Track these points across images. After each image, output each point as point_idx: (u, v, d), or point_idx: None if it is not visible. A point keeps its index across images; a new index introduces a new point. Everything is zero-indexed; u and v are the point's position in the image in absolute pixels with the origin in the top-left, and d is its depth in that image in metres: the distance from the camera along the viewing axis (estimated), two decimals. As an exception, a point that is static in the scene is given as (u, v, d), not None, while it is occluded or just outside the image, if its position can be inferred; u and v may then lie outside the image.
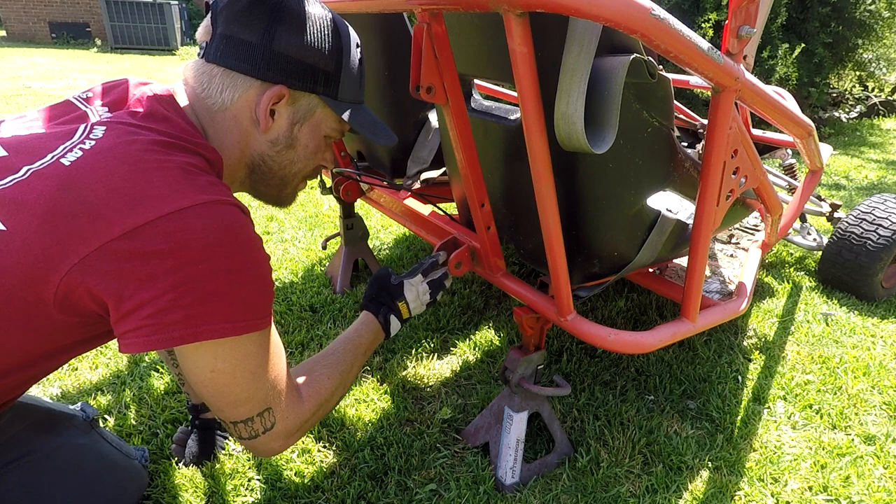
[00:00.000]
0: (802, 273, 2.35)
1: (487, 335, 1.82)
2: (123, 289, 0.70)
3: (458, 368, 1.67)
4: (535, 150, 0.90)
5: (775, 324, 1.96)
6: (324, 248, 2.27)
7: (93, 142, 0.76)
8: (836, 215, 2.39)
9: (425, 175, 1.78)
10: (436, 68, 0.96)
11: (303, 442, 1.35)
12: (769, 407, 1.55)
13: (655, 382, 1.62)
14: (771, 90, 1.54)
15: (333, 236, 2.16)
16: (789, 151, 2.45)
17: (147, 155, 0.74)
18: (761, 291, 2.18)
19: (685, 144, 2.37)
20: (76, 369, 1.59)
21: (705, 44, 0.85)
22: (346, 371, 1.00)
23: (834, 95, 6.07)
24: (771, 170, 2.19)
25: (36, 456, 0.93)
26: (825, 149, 2.16)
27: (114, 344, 1.65)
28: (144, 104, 0.83)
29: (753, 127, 2.44)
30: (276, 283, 2.09)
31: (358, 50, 0.94)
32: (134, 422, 1.41)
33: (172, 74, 7.95)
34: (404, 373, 1.63)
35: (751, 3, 0.94)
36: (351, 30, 0.93)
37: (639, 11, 0.74)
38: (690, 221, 1.16)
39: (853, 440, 1.45)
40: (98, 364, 1.62)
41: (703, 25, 4.73)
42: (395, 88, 1.66)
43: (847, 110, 6.07)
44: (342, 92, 0.91)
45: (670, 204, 1.19)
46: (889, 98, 6.59)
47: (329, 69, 0.88)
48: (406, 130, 1.76)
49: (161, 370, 1.59)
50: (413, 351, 1.72)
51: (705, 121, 2.34)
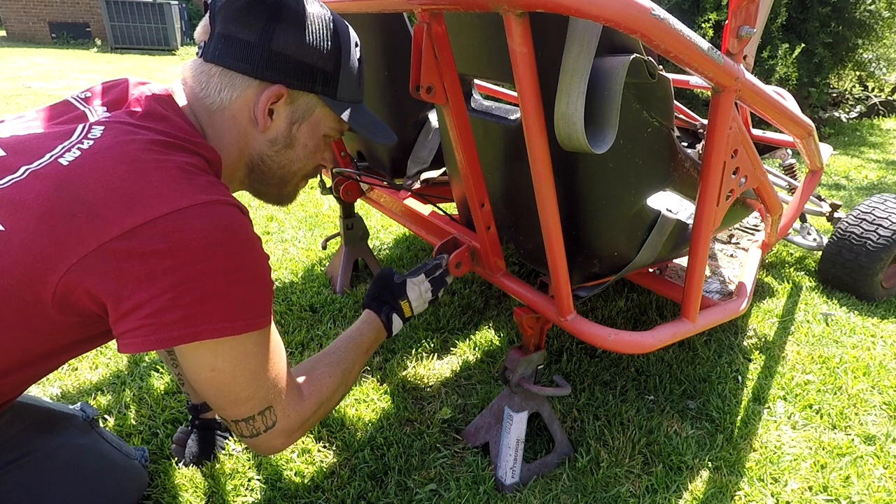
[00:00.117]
0: (802, 273, 2.35)
1: (487, 335, 1.82)
2: (122, 289, 0.70)
3: (458, 368, 1.67)
4: (535, 150, 0.89)
5: (775, 324, 1.96)
6: (324, 248, 2.27)
7: (91, 141, 0.76)
8: (836, 215, 2.39)
9: (425, 175, 1.78)
10: (436, 68, 0.96)
11: (303, 442, 1.35)
12: (769, 407, 1.55)
13: (655, 382, 1.61)
14: (771, 90, 1.54)
15: (333, 236, 2.16)
16: (789, 151, 2.45)
17: (145, 154, 0.74)
18: (761, 291, 2.18)
19: (685, 144, 2.37)
20: (76, 369, 1.59)
21: (705, 44, 0.85)
22: (348, 369, 1.00)
23: (834, 95, 6.07)
24: (771, 170, 2.18)
25: (36, 456, 0.92)
26: (825, 149, 2.16)
27: (114, 344, 1.64)
28: (143, 104, 0.83)
29: (753, 127, 2.44)
30: (276, 283, 2.09)
31: (357, 49, 0.94)
32: (134, 422, 1.40)
33: (172, 74, 7.95)
34: (404, 373, 1.63)
35: (751, 3, 0.94)
36: (350, 29, 0.93)
37: (639, 11, 0.74)
38: (690, 221, 1.16)
39: (853, 440, 1.44)
40: (98, 364, 1.62)
41: (703, 25, 4.73)
42: (395, 88, 1.66)
43: (847, 110, 6.07)
44: (341, 91, 0.91)
45: (670, 204, 1.19)
46: (889, 98, 6.59)
47: (328, 68, 0.88)
48: (406, 130, 1.76)
49: (161, 370, 1.59)
50: (413, 351, 1.72)
51: (705, 121, 2.34)
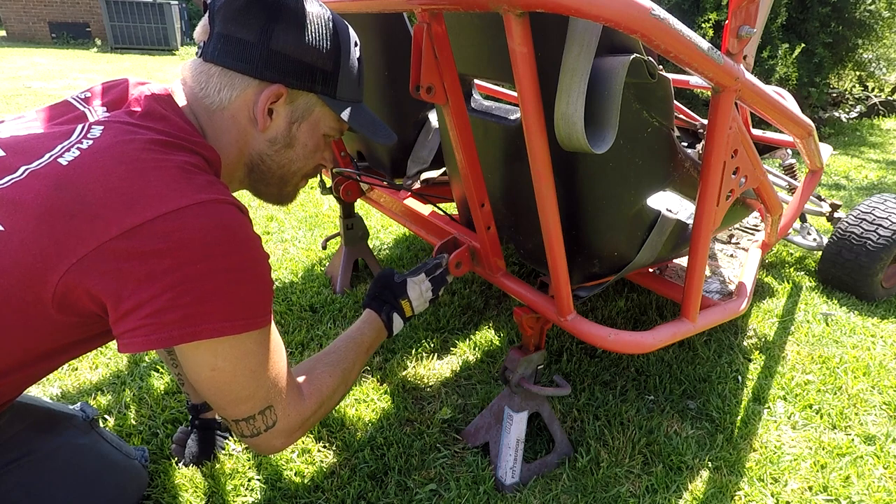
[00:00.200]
0: (802, 273, 2.35)
1: (487, 335, 1.82)
2: (122, 289, 0.70)
3: (458, 368, 1.67)
4: (535, 150, 0.89)
5: (775, 324, 1.96)
6: (324, 248, 2.27)
7: (90, 141, 0.76)
8: (836, 215, 2.39)
9: (425, 175, 1.78)
10: (436, 68, 0.96)
11: (303, 442, 1.35)
12: (769, 407, 1.55)
13: (655, 382, 1.61)
14: (771, 90, 1.54)
15: (333, 236, 2.16)
16: (789, 151, 2.45)
17: (145, 154, 0.74)
18: (761, 291, 2.18)
19: (685, 144, 2.37)
20: (76, 369, 1.59)
21: (705, 44, 0.85)
22: (348, 369, 1.00)
23: (834, 95, 6.07)
24: (771, 170, 2.18)
25: (36, 456, 0.92)
26: (825, 149, 2.16)
27: (114, 344, 1.64)
28: (142, 103, 0.83)
29: (753, 127, 2.44)
30: (276, 283, 2.09)
31: (356, 49, 0.94)
32: (134, 422, 1.40)
33: (172, 74, 7.95)
34: (404, 373, 1.63)
35: (751, 3, 0.94)
36: (350, 29, 0.93)
37: (639, 11, 0.74)
38: (690, 221, 1.16)
39: (853, 440, 1.44)
40: (98, 364, 1.62)
41: (703, 25, 4.73)
42: (395, 88, 1.66)
43: (847, 110, 6.07)
44: (341, 91, 0.91)
45: (670, 204, 1.19)
46: (889, 98, 6.59)
47: (327, 68, 0.88)
48: (406, 130, 1.76)
49: (161, 370, 1.59)
50: (413, 351, 1.72)
51: (705, 121, 2.34)
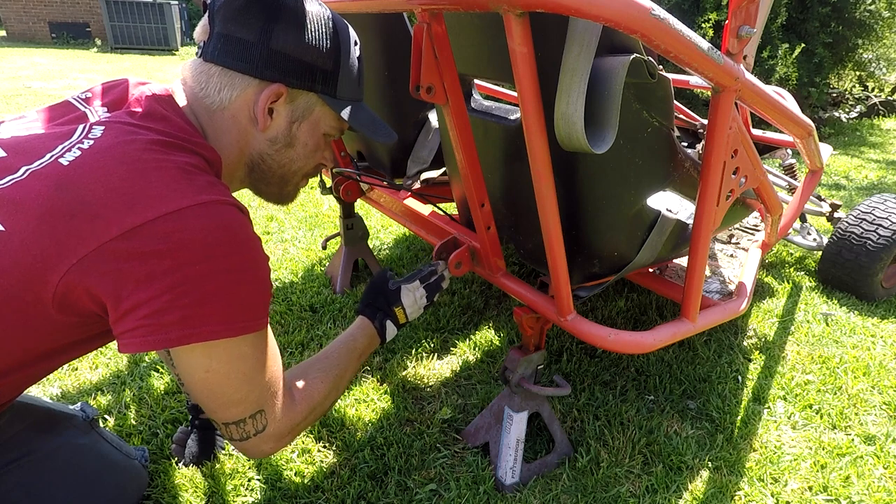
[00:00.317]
0: (802, 273, 2.35)
1: (487, 335, 1.82)
2: (121, 289, 0.70)
3: (458, 368, 1.67)
4: (535, 150, 0.89)
5: (775, 324, 1.96)
6: (324, 248, 2.27)
7: (91, 141, 0.76)
8: (836, 215, 2.39)
9: (425, 175, 1.78)
10: (436, 68, 0.96)
11: (303, 442, 1.35)
12: (769, 407, 1.55)
13: (655, 382, 1.61)
14: (771, 90, 1.54)
15: (333, 236, 2.16)
16: (789, 151, 2.45)
17: (146, 155, 0.74)
18: (761, 291, 2.18)
19: (685, 144, 2.37)
20: (76, 369, 1.59)
21: (705, 44, 0.85)
22: (340, 375, 1.00)
23: (834, 95, 6.07)
24: (771, 170, 2.18)
25: (36, 456, 0.92)
26: (825, 149, 2.16)
27: (114, 344, 1.64)
28: (143, 104, 0.83)
29: (753, 127, 2.44)
30: (276, 283, 2.09)
31: (356, 48, 0.94)
32: (134, 422, 1.40)
33: (172, 74, 7.95)
34: (404, 373, 1.63)
35: (751, 3, 0.94)
36: (349, 28, 0.93)
37: (639, 11, 0.74)
38: (690, 221, 1.16)
39: (853, 440, 1.44)
40: (98, 364, 1.62)
41: (703, 25, 4.73)
42: (395, 88, 1.66)
43: (847, 110, 6.07)
44: (341, 90, 0.91)
45: (670, 204, 1.19)
46: (889, 98, 6.59)
47: (327, 67, 0.88)
48: (406, 130, 1.76)
49: (161, 370, 1.59)
50: (413, 351, 1.72)
51: (705, 121, 2.34)
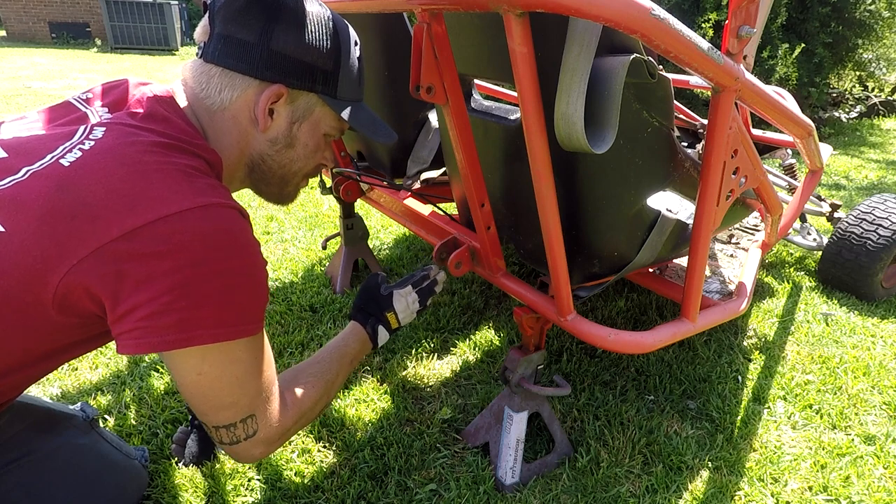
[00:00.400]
0: (802, 273, 2.35)
1: (487, 335, 1.82)
2: (121, 290, 0.70)
3: (458, 368, 1.67)
4: (535, 150, 0.89)
5: (775, 324, 1.96)
6: (324, 248, 2.27)
7: (92, 142, 0.76)
8: (836, 215, 2.39)
9: (425, 175, 1.78)
10: (436, 68, 0.96)
11: (303, 442, 1.35)
12: (769, 407, 1.55)
13: (655, 382, 1.61)
14: (771, 90, 1.54)
15: (333, 236, 2.16)
16: (789, 151, 2.45)
17: (147, 157, 0.74)
18: (761, 291, 2.18)
19: (685, 144, 2.37)
20: (76, 369, 1.59)
21: (705, 44, 0.85)
22: (331, 381, 1.00)
23: (834, 95, 6.07)
24: (771, 170, 2.18)
25: (36, 456, 0.93)
26: (825, 149, 2.16)
27: (114, 344, 1.64)
28: (144, 105, 0.83)
29: (753, 127, 2.44)
30: (276, 284, 2.09)
31: (357, 48, 0.94)
32: (134, 422, 1.40)
33: (172, 74, 7.95)
34: (404, 373, 1.63)
35: (751, 3, 0.94)
36: (350, 28, 0.93)
37: (639, 11, 0.74)
38: (690, 221, 1.16)
39: (853, 440, 1.44)
40: (98, 364, 1.62)
41: (703, 25, 4.73)
42: (395, 88, 1.66)
43: (847, 110, 6.07)
44: (341, 90, 0.91)
45: (670, 204, 1.19)
46: (889, 98, 6.59)
47: (328, 68, 0.88)
48: (406, 130, 1.76)
49: (161, 370, 1.59)
50: (413, 351, 1.72)
51: (705, 121, 2.34)
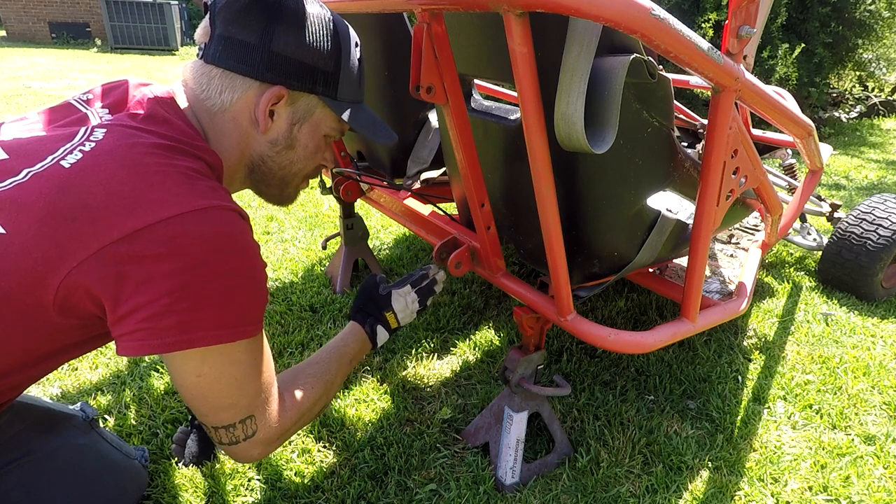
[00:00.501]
0: (802, 273, 2.35)
1: (487, 335, 1.82)
2: (121, 291, 0.70)
3: (458, 368, 1.67)
4: (535, 150, 0.89)
5: (775, 324, 1.96)
6: (324, 248, 2.27)
7: (93, 144, 0.76)
8: (836, 215, 2.39)
9: (425, 175, 1.78)
10: (436, 68, 0.96)
11: (303, 442, 1.35)
12: (769, 407, 1.55)
13: (655, 382, 1.61)
14: (771, 90, 1.54)
15: (333, 236, 2.16)
16: (789, 151, 2.45)
17: (147, 158, 0.74)
18: (761, 291, 2.18)
19: (685, 144, 2.37)
20: (76, 369, 1.59)
21: (705, 44, 0.85)
22: (330, 381, 1.00)
23: (834, 95, 6.07)
24: (771, 170, 2.19)
25: (36, 456, 0.93)
26: (825, 149, 2.16)
27: (114, 344, 1.64)
28: (144, 106, 0.83)
29: (753, 127, 2.44)
30: (276, 284, 2.09)
31: (357, 49, 0.94)
32: (134, 422, 1.40)
33: (172, 74, 7.95)
34: (404, 373, 1.63)
35: (751, 3, 0.94)
36: (350, 29, 0.93)
37: (639, 11, 0.74)
38: (690, 221, 1.16)
39: (853, 440, 1.44)
40: (98, 364, 1.62)
41: (703, 25, 4.73)
42: (395, 88, 1.66)
43: (847, 110, 6.07)
44: (341, 92, 0.91)
45: (670, 204, 1.19)
46: (889, 98, 6.59)
47: (328, 69, 0.88)
48: (406, 130, 1.76)
49: (161, 370, 1.59)
50: (413, 351, 1.72)
51: (705, 121, 2.34)
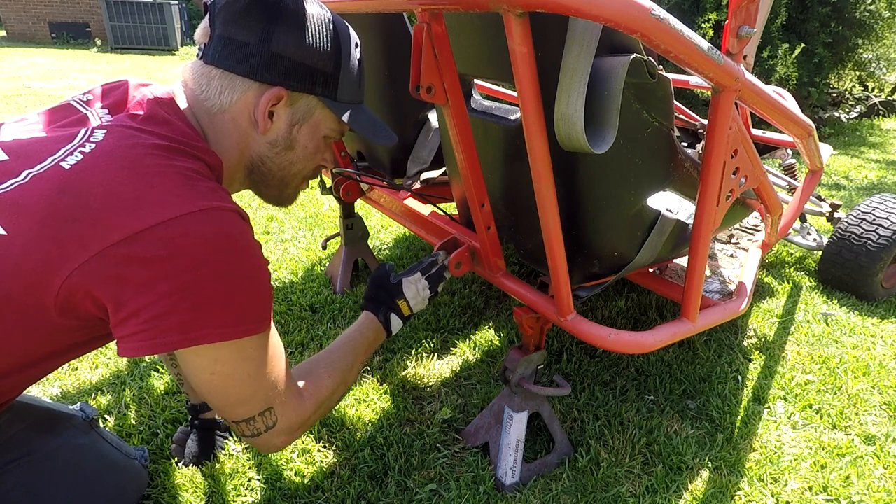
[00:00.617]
0: (802, 273, 2.35)
1: (487, 335, 1.82)
2: (122, 293, 0.70)
3: (458, 368, 1.67)
4: (535, 150, 0.90)
5: (775, 324, 1.96)
6: (324, 248, 2.27)
7: (93, 145, 0.76)
8: (836, 215, 2.39)
9: (425, 175, 1.78)
10: (436, 68, 0.96)
11: (303, 442, 1.35)
12: (769, 407, 1.55)
13: (655, 382, 1.61)
14: (771, 90, 1.54)
15: (333, 236, 2.16)
16: (789, 151, 2.45)
17: (148, 160, 0.74)
18: (761, 291, 2.18)
19: (685, 144, 2.37)
20: (76, 369, 1.59)
21: (705, 44, 0.85)
22: (347, 370, 1.00)
23: (834, 95, 6.07)
24: (771, 170, 2.18)
25: (36, 456, 0.93)
26: (825, 149, 2.16)
27: (114, 345, 1.64)
28: (144, 107, 0.82)
29: (753, 127, 2.44)
30: (276, 284, 2.09)
31: (357, 50, 0.94)
32: (134, 422, 1.41)
33: (172, 75, 7.95)
34: (404, 373, 1.63)
35: (751, 3, 0.94)
36: (350, 30, 0.93)
37: (639, 11, 0.74)
38: (690, 221, 1.16)
39: (853, 440, 1.45)
40: (98, 364, 1.62)
41: (703, 25, 4.73)
42: (395, 88, 1.66)
43: (847, 110, 6.07)
44: (341, 93, 0.91)
45: (670, 204, 1.19)
46: (889, 98, 6.59)
47: (328, 70, 0.88)
48: (406, 130, 1.76)
49: (161, 370, 1.59)
50: (413, 351, 1.72)
51: (705, 121, 2.34)
